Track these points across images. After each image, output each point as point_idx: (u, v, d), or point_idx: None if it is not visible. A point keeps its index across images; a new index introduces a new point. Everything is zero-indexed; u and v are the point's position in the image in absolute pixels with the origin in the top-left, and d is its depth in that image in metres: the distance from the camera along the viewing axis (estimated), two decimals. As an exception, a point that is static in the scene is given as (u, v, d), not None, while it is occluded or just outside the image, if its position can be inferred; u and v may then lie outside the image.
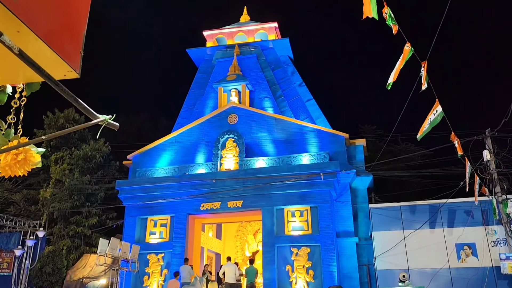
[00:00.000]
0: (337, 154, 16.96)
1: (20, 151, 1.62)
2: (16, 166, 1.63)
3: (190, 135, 18.85)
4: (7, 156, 1.60)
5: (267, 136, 17.92)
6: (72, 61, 1.67)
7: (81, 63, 1.74)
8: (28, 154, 1.64)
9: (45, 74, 1.45)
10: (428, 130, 8.91)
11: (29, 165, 1.68)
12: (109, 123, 1.77)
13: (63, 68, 1.65)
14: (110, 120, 1.77)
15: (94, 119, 1.71)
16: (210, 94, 20.77)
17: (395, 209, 15.57)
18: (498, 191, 13.65)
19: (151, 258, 16.83)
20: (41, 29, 1.51)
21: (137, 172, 18.39)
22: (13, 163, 1.61)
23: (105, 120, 1.74)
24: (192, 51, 22.63)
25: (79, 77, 1.70)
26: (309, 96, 20.05)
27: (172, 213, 17.20)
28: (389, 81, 7.21)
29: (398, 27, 6.57)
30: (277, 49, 21.49)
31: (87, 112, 1.68)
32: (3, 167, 1.64)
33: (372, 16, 5.65)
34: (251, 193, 16.36)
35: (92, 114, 1.70)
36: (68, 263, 18.92)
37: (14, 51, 1.33)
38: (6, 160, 1.60)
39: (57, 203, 19.58)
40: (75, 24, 1.72)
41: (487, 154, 14.05)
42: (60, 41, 1.62)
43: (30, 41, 1.52)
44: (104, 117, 1.74)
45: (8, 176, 1.72)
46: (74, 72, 1.68)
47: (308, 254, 15.44)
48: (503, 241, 13.88)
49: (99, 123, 1.74)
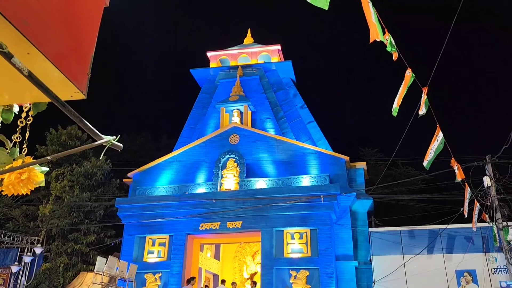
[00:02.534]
0: (338, 177, 16.94)
1: (24, 170, 1.65)
2: (20, 185, 1.66)
3: (191, 154, 18.88)
4: (11, 175, 1.63)
5: (268, 157, 17.96)
6: (79, 82, 1.72)
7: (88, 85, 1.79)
8: (32, 174, 1.67)
9: (53, 95, 1.49)
10: (433, 158, 8.98)
11: (33, 184, 1.71)
12: (113, 144, 1.81)
13: (70, 89, 1.70)
14: (114, 141, 1.81)
15: (98, 139, 1.75)
16: (213, 114, 20.91)
17: (395, 234, 15.48)
18: (498, 218, 13.57)
19: (149, 278, 16.64)
20: (50, 51, 1.57)
21: (137, 190, 18.36)
22: (17, 182, 1.65)
23: (109, 141, 1.78)
24: (195, 71, 22.89)
25: (85, 98, 1.75)
26: (310, 118, 20.16)
27: (171, 232, 17.09)
28: (393, 107, 7.28)
29: (398, 54, 6.67)
30: (279, 71, 21.73)
31: (92, 133, 1.72)
32: (7, 186, 1.67)
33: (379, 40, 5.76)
34: (250, 214, 16.29)
35: (97, 135, 1.74)
36: (64, 281, 18.69)
37: (24, 73, 1.38)
38: (10, 179, 1.63)
39: (56, 219, 19.48)
40: (83, 47, 1.78)
41: (488, 180, 14.03)
42: (68, 63, 1.67)
43: (39, 63, 1.57)
44: (108, 138, 1.77)
45: (10, 194, 1.75)
46: (80, 93, 1.73)
47: (307, 277, 15.26)
48: (503, 269, 13.73)
49: (103, 143, 1.78)
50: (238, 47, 23.84)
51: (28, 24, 1.49)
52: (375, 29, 5.82)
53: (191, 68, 22.78)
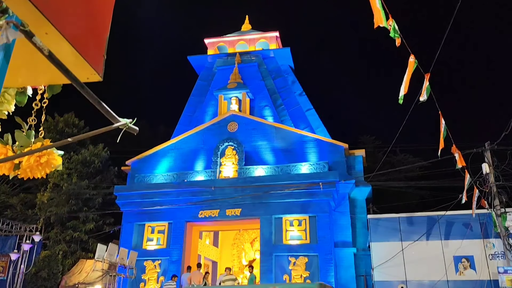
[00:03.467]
0: (337, 164, 16.97)
1: (44, 153, 1.61)
2: (38, 169, 1.62)
3: (189, 142, 18.84)
4: (30, 158, 1.59)
5: (266, 144, 17.93)
6: (96, 64, 1.68)
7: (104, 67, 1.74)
8: (50, 157, 1.63)
9: (72, 76, 1.45)
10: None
11: (51, 167, 1.67)
12: (129, 127, 1.77)
13: (87, 71, 1.65)
14: (130, 124, 1.77)
15: (115, 122, 1.71)
16: (210, 101, 20.80)
17: (394, 220, 15.57)
18: (496, 204, 13.66)
19: (148, 265, 16.72)
20: (68, 31, 1.52)
21: (135, 178, 18.33)
22: (36, 165, 1.61)
23: (126, 124, 1.74)
24: (193, 58, 22.70)
25: (101, 80, 1.70)
26: (309, 106, 20.10)
27: (170, 219, 17.13)
28: (400, 95, 7.24)
29: (401, 40, 6.61)
30: (278, 58, 21.58)
31: (110, 116, 1.68)
32: (25, 169, 1.63)
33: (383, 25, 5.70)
34: (249, 202, 16.33)
35: (114, 118, 1.70)
36: (63, 268, 18.75)
37: (44, 53, 1.34)
38: (29, 162, 1.60)
39: (54, 207, 19.46)
40: (99, 28, 1.73)
41: (486, 167, 14.09)
42: (85, 44, 1.62)
43: (56, 43, 1.52)
44: (125, 121, 1.74)
45: (26, 178, 1.71)
46: (97, 75, 1.68)
47: (306, 263, 15.38)
48: (501, 255, 13.87)
49: (120, 126, 1.74)
50: (236, 34, 23.63)
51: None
52: (379, 15, 5.76)
53: (188, 55, 22.60)
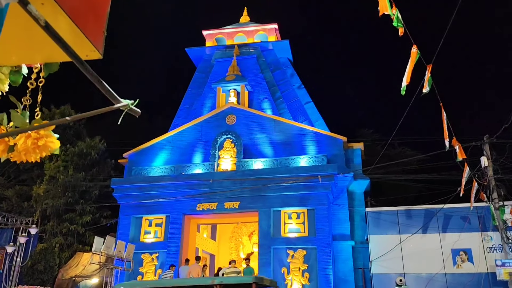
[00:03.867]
0: (335, 157, 16.91)
1: (42, 135, 1.50)
2: (35, 152, 1.52)
3: (187, 135, 18.71)
4: (27, 140, 1.48)
5: (265, 137, 17.83)
6: (96, 40, 1.57)
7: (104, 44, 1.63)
8: (48, 140, 1.53)
9: (70, 50, 1.34)
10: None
11: (48, 151, 1.57)
12: (131, 108, 1.67)
13: (86, 47, 1.54)
14: (132, 105, 1.67)
15: (116, 103, 1.61)
16: (209, 94, 20.65)
17: (392, 213, 15.55)
18: (495, 198, 13.64)
19: (145, 258, 16.66)
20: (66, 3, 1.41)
21: (133, 170, 18.21)
22: (32, 148, 1.50)
23: (127, 105, 1.63)
24: (191, 50, 22.51)
25: (101, 57, 1.59)
26: (308, 99, 19.99)
27: (168, 212, 17.05)
28: (402, 85, 7.15)
29: (404, 29, 6.51)
30: (277, 50, 21.42)
31: (110, 96, 1.57)
32: (20, 152, 1.52)
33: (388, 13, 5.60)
34: (248, 195, 16.26)
35: (115, 98, 1.59)
36: (60, 261, 18.67)
37: (40, 23, 1.23)
38: (26, 145, 1.49)
39: (51, 199, 19.33)
40: (99, 1, 1.62)
41: (485, 160, 14.06)
42: (84, 18, 1.51)
43: (53, 16, 1.41)
44: (126, 102, 1.63)
45: (19, 161, 1.60)
46: (97, 52, 1.58)
47: (304, 256, 15.36)
48: (499, 247, 13.88)
49: (121, 108, 1.64)
50: (234, 25, 23.43)
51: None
52: (384, 2, 5.65)
53: (186, 47, 22.40)
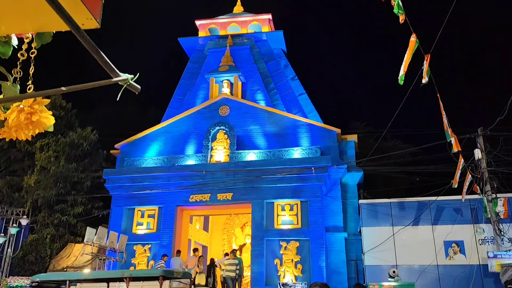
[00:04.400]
0: (329, 149, 16.87)
1: (35, 110, 1.38)
2: (28, 128, 1.40)
3: (180, 126, 18.55)
4: (20, 115, 1.36)
5: (258, 129, 17.73)
6: (93, 7, 1.45)
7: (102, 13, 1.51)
8: (43, 115, 1.41)
9: (66, 15, 1.22)
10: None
11: (41, 128, 1.45)
12: (130, 84, 1.55)
13: (83, 14, 1.42)
14: (131, 81, 1.55)
15: (114, 77, 1.49)
16: (202, 84, 20.46)
17: (385, 205, 15.56)
18: (488, 190, 13.70)
19: (138, 249, 16.56)
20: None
21: (125, 161, 18.03)
22: (25, 123, 1.38)
23: (127, 79, 1.52)
24: (183, 40, 22.25)
25: (99, 27, 1.47)
26: (301, 90, 19.89)
27: (160, 204, 16.93)
28: (400, 74, 7.07)
29: (405, 17, 6.42)
30: (270, 41, 21.25)
31: (108, 68, 1.46)
32: (10, 128, 1.40)
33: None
34: (241, 186, 16.19)
35: (114, 71, 1.48)
36: (51, 252, 18.49)
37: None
38: (18, 120, 1.36)
39: (42, 190, 19.09)
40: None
41: (479, 152, 14.09)
42: (80, -18, 1.39)
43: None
44: (126, 76, 1.51)
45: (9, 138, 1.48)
46: (94, 20, 1.46)
47: (297, 248, 15.36)
48: (491, 240, 13.97)
49: (120, 82, 1.52)
50: (227, 16, 23.19)
51: None
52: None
53: (179, 37, 22.14)
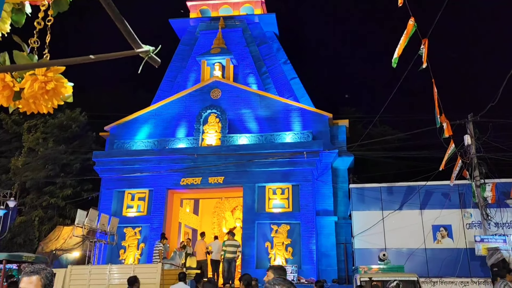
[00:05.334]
0: (320, 134, 16.90)
1: (50, 78, 1.31)
2: (44, 98, 1.32)
3: (171, 108, 18.37)
4: (34, 84, 1.29)
5: (250, 113, 17.65)
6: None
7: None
8: (59, 83, 1.33)
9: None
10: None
11: (59, 98, 1.38)
12: (151, 56, 1.49)
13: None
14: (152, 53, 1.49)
15: (137, 48, 1.42)
16: (193, 67, 20.22)
17: (375, 190, 15.72)
18: (476, 175, 13.90)
19: (128, 232, 16.52)
20: None
21: (115, 144, 17.84)
22: (40, 93, 1.31)
23: (148, 51, 1.45)
24: (174, 21, 21.89)
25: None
26: (293, 74, 19.79)
27: (151, 187, 16.85)
28: (394, 57, 7.04)
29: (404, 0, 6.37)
30: (263, 24, 21.02)
31: (131, 39, 1.39)
32: (27, 99, 1.33)
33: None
34: (232, 170, 16.17)
35: (136, 42, 1.41)
36: (40, 234, 18.36)
37: None
38: (32, 89, 1.29)
39: (30, 172, 18.83)
40: None
41: (468, 138, 14.25)
42: None
43: None
44: (148, 48, 1.45)
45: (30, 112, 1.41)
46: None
47: (288, 231, 15.48)
48: (478, 224, 14.24)
49: (141, 54, 1.45)
50: (219, -3, 22.80)
51: None
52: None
53: (170, 18, 21.76)
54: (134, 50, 1.39)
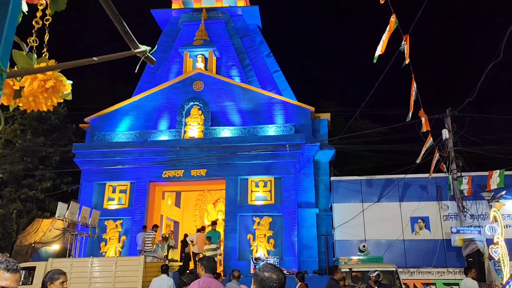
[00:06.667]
0: (303, 127, 17.04)
1: (49, 76, 1.34)
2: (43, 96, 1.35)
3: (152, 100, 18.22)
4: (34, 82, 1.31)
5: (233, 105, 17.66)
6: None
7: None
8: (58, 81, 1.36)
9: (95, -18, 1.19)
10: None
11: (58, 96, 1.41)
12: (147, 56, 1.53)
13: (104, -18, 1.38)
14: (149, 53, 1.53)
15: (134, 48, 1.46)
16: (175, 58, 20.06)
17: (356, 183, 16.01)
18: (453, 169, 14.28)
19: (109, 224, 16.40)
20: None
21: (95, 136, 17.63)
22: (40, 91, 1.33)
23: (145, 51, 1.49)
24: (156, 12, 21.63)
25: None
26: (276, 67, 19.84)
27: (133, 179, 16.75)
28: (375, 54, 7.17)
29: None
30: (246, 16, 20.95)
31: (129, 39, 1.43)
32: (27, 97, 1.35)
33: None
34: (215, 162, 16.19)
35: (134, 42, 1.45)
36: (18, 227, 18.07)
37: None
38: (32, 87, 1.31)
39: (8, 165, 18.46)
40: None
41: (446, 132, 14.61)
42: None
43: None
44: (144, 48, 1.49)
45: (30, 110, 1.44)
46: (114, -11, 1.41)
47: (270, 223, 15.63)
48: (454, 216, 14.66)
49: (138, 54, 1.49)
50: (202, -12, 22.60)
51: None
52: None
53: (152, 9, 21.49)
54: (132, 51, 1.42)
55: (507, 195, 13.96)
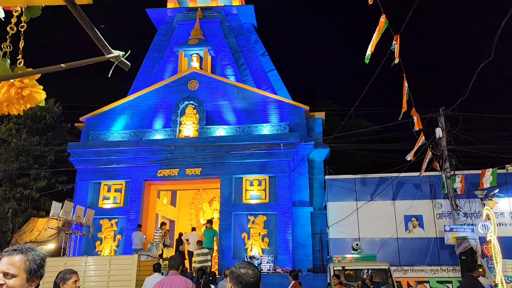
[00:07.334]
0: (297, 126, 17.10)
1: (26, 84, 1.38)
2: (19, 103, 1.40)
3: (147, 99, 18.24)
4: (11, 90, 1.36)
5: (228, 104, 17.70)
6: (86, -17, 1.44)
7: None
8: (34, 90, 1.41)
9: (64, -9, 1.23)
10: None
11: (33, 102, 1.45)
12: (121, 61, 1.57)
13: (76, -10, 1.42)
14: (123, 58, 1.57)
15: (107, 53, 1.51)
16: (170, 58, 20.08)
17: (350, 181, 16.05)
18: (447, 167, 14.36)
19: (104, 223, 16.43)
20: None
21: (90, 135, 17.64)
22: (16, 98, 1.38)
23: (118, 56, 1.54)
24: (151, 11, 21.63)
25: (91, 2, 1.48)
26: (271, 66, 19.88)
27: (128, 178, 16.77)
28: (366, 54, 7.21)
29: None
30: (241, 15, 20.98)
31: (101, 44, 1.47)
32: (1, 103, 1.40)
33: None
34: (210, 161, 16.24)
35: (106, 47, 1.49)
36: (14, 227, 18.06)
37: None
38: (9, 94, 1.36)
39: (3, 164, 18.44)
40: None
41: (440, 131, 14.68)
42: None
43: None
44: (117, 53, 1.53)
45: (1, 113, 1.48)
46: (87, -4, 1.45)
47: (264, 222, 15.69)
48: (447, 214, 14.74)
49: (111, 59, 1.54)
50: (197, -13, 22.60)
51: None
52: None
53: (147, 8, 21.49)
54: (104, 56, 1.47)
55: (500, 193, 14.06)
